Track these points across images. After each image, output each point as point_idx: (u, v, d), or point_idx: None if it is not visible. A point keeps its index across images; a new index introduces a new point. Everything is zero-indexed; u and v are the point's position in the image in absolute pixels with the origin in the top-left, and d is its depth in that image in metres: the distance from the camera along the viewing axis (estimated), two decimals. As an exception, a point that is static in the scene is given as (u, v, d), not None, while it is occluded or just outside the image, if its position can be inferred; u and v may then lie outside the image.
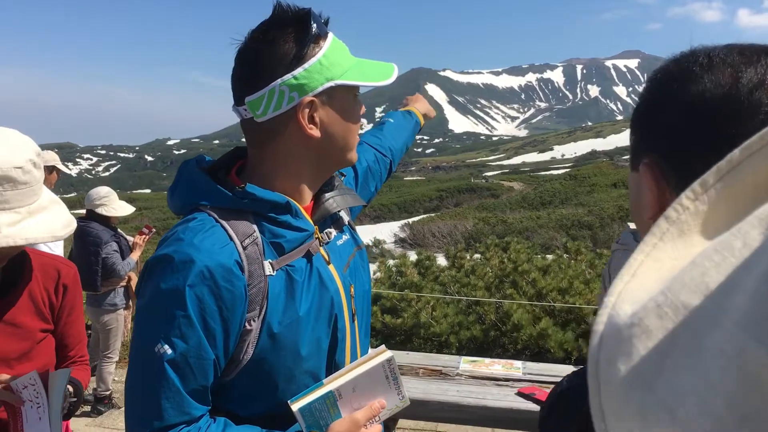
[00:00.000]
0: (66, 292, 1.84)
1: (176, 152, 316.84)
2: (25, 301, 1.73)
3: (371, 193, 1.80)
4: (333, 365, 1.31)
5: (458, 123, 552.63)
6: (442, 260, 9.82)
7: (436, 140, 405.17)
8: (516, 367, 4.16)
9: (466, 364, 4.18)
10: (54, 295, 1.81)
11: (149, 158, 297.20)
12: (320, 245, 1.33)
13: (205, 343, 1.14)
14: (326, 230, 1.38)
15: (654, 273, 0.35)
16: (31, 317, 1.74)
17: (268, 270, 1.20)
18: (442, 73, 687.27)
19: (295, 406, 1.20)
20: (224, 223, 1.20)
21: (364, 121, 1.57)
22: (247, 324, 1.18)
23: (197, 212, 1.23)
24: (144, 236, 5.48)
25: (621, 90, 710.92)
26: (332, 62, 1.24)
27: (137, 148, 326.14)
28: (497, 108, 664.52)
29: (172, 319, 1.12)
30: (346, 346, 1.34)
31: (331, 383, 1.23)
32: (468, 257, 9.51)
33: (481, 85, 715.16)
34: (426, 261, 8.72)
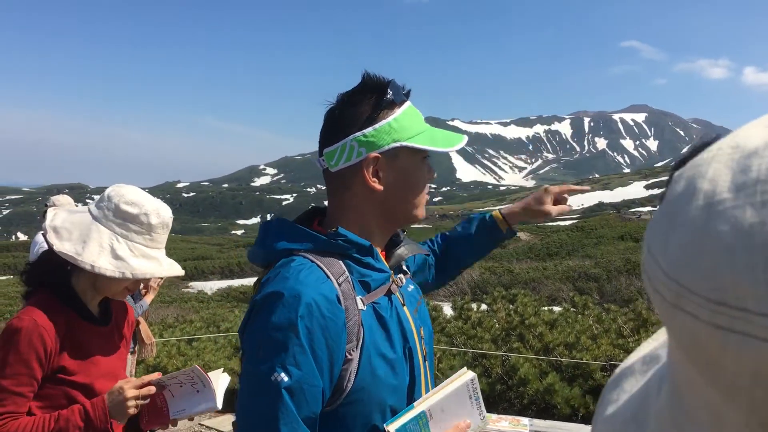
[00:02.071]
0: (131, 327, 2.24)
1: (185, 195, 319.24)
2: (118, 329, 2.12)
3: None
4: (412, 401, 1.40)
5: (466, 172, 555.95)
6: (448, 310, 9.76)
7: (444, 189, 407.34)
8: (523, 424, 4.09)
9: (471, 419, 4.10)
10: (127, 328, 2.19)
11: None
12: (397, 287, 1.47)
13: (315, 372, 1.23)
14: (398, 276, 1.50)
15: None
16: (121, 342, 2.12)
17: (360, 305, 1.34)
18: (450, 123, 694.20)
19: (392, 428, 1.27)
20: (320, 263, 1.33)
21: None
22: (347, 354, 1.29)
23: (293, 256, 1.36)
24: (158, 280, 5.47)
25: (628, 143, 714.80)
26: (402, 126, 1.40)
27: (147, 190, 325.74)
28: (505, 158, 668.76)
29: (286, 349, 1.22)
30: (422, 384, 1.44)
31: (422, 404, 1.31)
32: (475, 308, 9.45)
33: (489, 135, 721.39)
34: (432, 312, 8.66)
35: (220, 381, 1.99)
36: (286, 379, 1.20)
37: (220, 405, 1.94)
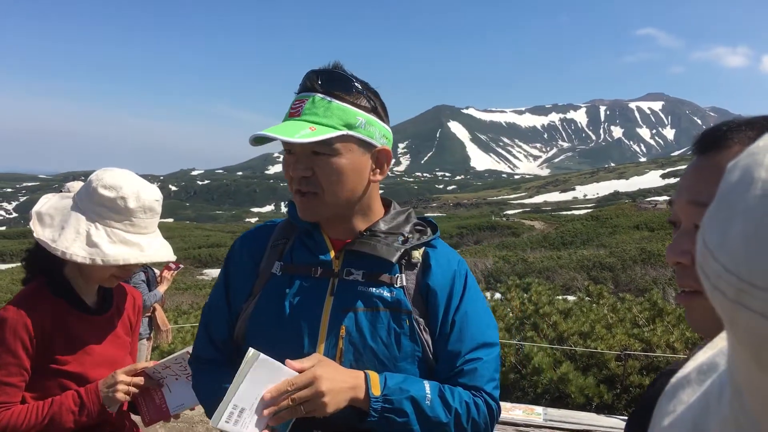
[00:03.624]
0: (138, 315, 2.19)
1: (200, 182, 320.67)
2: (119, 317, 2.07)
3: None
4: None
5: (480, 161, 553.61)
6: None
7: (458, 177, 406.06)
8: (537, 413, 4.07)
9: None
10: (132, 315, 2.15)
11: (173, 188, 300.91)
12: (333, 277, 1.48)
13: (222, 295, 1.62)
14: (347, 268, 1.48)
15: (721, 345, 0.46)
16: (123, 330, 2.07)
17: (277, 270, 1.51)
18: (465, 111, 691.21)
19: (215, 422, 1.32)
20: (279, 227, 1.62)
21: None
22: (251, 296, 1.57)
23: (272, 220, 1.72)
24: (171, 271, 5.50)
25: (644, 132, 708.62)
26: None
27: (162, 177, 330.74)
28: (519, 147, 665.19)
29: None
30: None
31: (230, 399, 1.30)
32: (489, 297, 9.42)
33: (503, 124, 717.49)
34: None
35: None
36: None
37: None
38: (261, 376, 1.28)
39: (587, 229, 41.63)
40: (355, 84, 1.44)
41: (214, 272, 36.14)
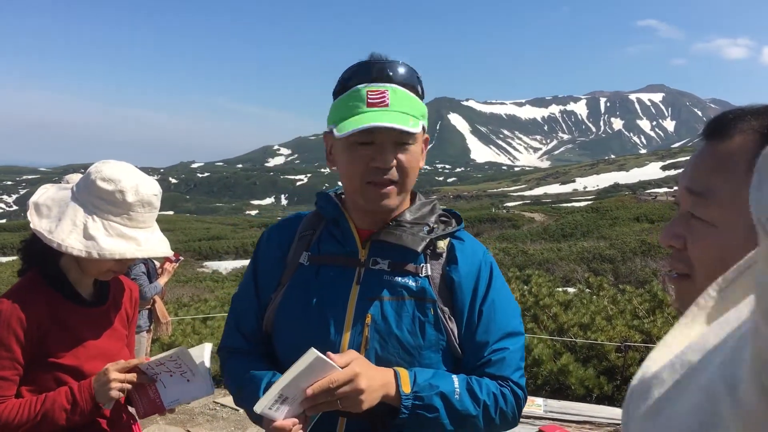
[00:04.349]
0: (135, 307, 2.17)
1: (200, 175, 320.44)
2: (115, 310, 2.05)
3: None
4: None
5: (480, 153, 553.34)
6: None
7: (458, 169, 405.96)
8: (537, 404, 4.08)
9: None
10: (129, 308, 2.13)
11: (173, 180, 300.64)
12: (360, 266, 1.50)
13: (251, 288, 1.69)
14: (373, 257, 1.50)
15: (680, 344, 0.44)
16: (120, 322, 2.05)
17: (304, 260, 1.54)
18: (465, 103, 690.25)
19: (258, 408, 1.34)
20: (306, 218, 1.64)
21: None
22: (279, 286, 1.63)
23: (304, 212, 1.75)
24: (172, 264, 5.49)
25: (645, 123, 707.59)
26: (336, 109, 1.46)
27: (162, 170, 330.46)
28: (520, 139, 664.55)
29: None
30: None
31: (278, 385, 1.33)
32: (488, 289, 9.43)
33: (504, 116, 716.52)
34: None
35: (205, 354, 1.92)
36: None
37: (212, 389, 1.90)
38: (311, 372, 1.31)
39: (587, 221, 41.63)
40: (418, 75, 1.49)
41: (215, 264, 36.20)
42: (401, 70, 1.44)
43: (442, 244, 1.53)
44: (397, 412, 1.36)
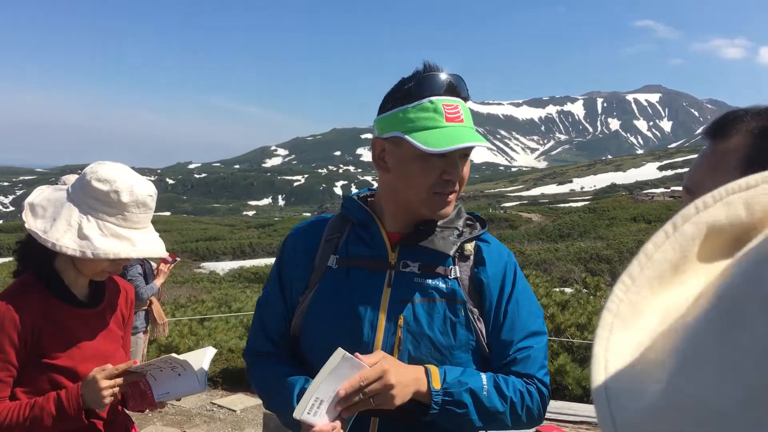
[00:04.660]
0: (130, 308, 2.17)
1: (197, 176, 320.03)
2: (111, 311, 2.05)
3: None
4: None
5: (477, 153, 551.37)
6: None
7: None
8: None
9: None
10: (125, 309, 2.13)
11: (170, 181, 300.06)
12: (391, 269, 1.54)
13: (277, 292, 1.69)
14: (403, 260, 1.54)
15: (627, 354, 0.40)
16: (115, 323, 2.06)
17: (333, 263, 1.57)
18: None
19: (297, 414, 1.37)
20: (331, 222, 1.67)
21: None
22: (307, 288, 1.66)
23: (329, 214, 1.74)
24: (168, 264, 5.49)
25: (642, 124, 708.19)
26: (409, 118, 1.44)
27: (159, 171, 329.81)
28: (517, 139, 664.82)
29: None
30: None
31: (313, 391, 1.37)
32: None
33: (501, 116, 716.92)
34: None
35: (206, 358, 1.93)
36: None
37: (203, 387, 1.91)
38: (341, 372, 1.34)
39: (584, 221, 41.64)
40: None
41: (212, 265, 36.13)
42: (464, 84, 1.51)
43: (470, 247, 1.59)
44: (427, 408, 1.41)
